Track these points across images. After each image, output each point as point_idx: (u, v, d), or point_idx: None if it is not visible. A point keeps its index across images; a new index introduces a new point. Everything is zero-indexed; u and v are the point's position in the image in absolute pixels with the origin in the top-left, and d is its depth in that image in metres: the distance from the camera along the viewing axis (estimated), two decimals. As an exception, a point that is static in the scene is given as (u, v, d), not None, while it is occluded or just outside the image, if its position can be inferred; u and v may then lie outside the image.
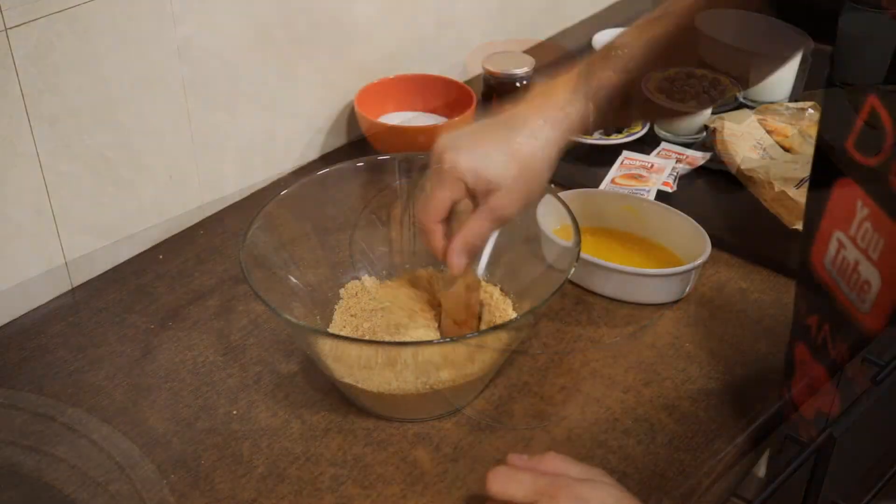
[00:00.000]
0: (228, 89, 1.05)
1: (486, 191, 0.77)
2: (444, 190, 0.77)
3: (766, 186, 1.05)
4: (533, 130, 0.78)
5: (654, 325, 0.93)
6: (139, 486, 0.76)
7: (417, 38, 1.29)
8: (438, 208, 0.78)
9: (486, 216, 0.77)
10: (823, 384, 0.66)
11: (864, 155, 0.58)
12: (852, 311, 0.61)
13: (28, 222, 0.91)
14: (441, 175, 0.77)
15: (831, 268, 0.62)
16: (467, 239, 0.78)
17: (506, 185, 0.76)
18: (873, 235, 0.57)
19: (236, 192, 1.12)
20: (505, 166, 0.76)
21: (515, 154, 0.77)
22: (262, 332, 0.92)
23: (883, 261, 0.57)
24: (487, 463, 0.77)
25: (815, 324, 0.65)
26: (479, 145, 0.77)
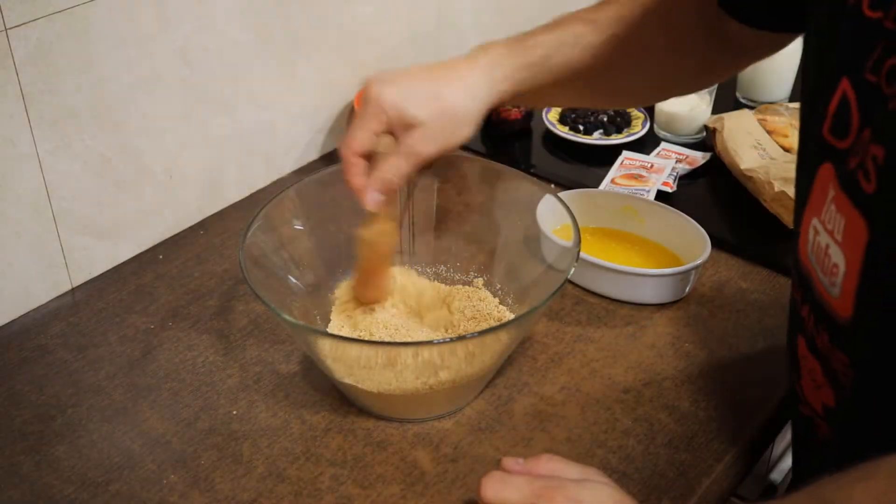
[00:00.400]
0: (228, 89, 1.06)
1: (405, 126, 0.76)
2: (366, 121, 0.77)
3: (766, 186, 1.05)
4: (462, 78, 0.78)
5: (654, 325, 0.93)
6: (139, 486, 0.76)
7: (417, 38, 1.29)
8: (359, 140, 0.77)
9: (402, 153, 0.77)
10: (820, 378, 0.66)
11: (837, 138, 0.58)
12: (826, 298, 0.61)
13: (28, 222, 0.91)
14: (366, 105, 0.77)
15: (811, 254, 0.62)
16: (383, 175, 0.77)
17: (425, 123, 0.76)
18: (836, 216, 0.58)
19: (236, 192, 1.12)
20: (427, 106, 0.76)
21: (439, 95, 0.77)
22: (262, 332, 0.92)
23: (846, 241, 0.57)
24: (487, 463, 0.77)
25: (807, 314, 0.66)
26: (405, 81, 0.78)
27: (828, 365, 0.64)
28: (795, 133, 1.17)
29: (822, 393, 0.66)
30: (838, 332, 0.61)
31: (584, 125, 1.22)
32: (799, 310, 0.67)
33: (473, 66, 0.79)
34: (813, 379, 0.67)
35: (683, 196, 1.10)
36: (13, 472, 0.77)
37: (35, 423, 0.82)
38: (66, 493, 0.75)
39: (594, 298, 0.96)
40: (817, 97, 0.62)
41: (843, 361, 0.61)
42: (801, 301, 0.67)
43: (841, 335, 0.61)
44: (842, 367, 0.62)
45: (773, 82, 1.30)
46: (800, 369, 0.69)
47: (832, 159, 0.59)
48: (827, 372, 0.64)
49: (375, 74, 0.79)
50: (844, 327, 0.60)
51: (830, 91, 0.59)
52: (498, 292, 0.92)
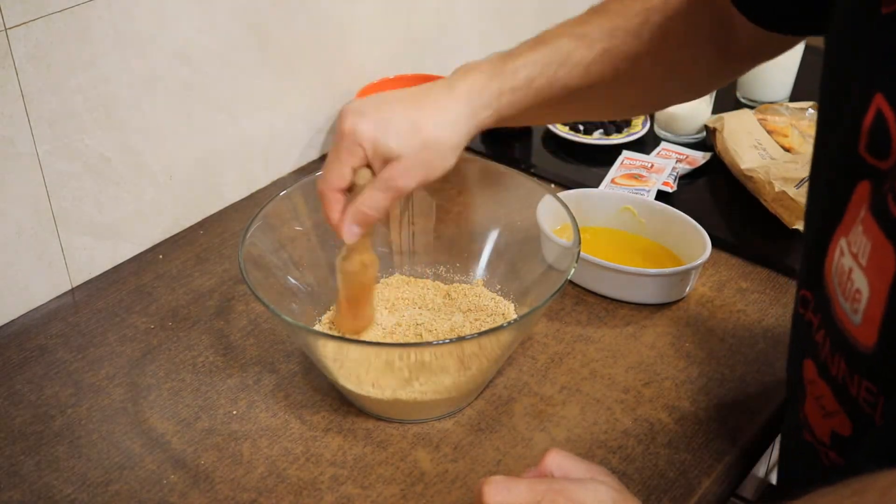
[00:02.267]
0: (228, 89, 1.06)
1: (384, 160, 0.73)
2: (343, 155, 0.73)
3: (766, 186, 1.05)
4: (441, 108, 0.74)
5: (654, 325, 0.93)
6: (139, 486, 0.76)
7: (417, 38, 1.29)
8: (337, 175, 0.74)
9: (381, 186, 0.73)
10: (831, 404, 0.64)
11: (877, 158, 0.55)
12: (846, 324, 0.58)
13: (28, 222, 0.91)
14: (341, 141, 0.73)
15: (834, 277, 0.60)
16: (360, 209, 0.74)
17: (405, 156, 0.72)
18: (862, 238, 0.55)
19: (236, 192, 1.12)
20: (406, 139, 0.72)
21: (419, 127, 0.73)
22: (262, 332, 0.92)
23: (871, 267, 0.55)
24: (487, 463, 0.77)
25: (822, 339, 0.63)
26: (383, 112, 0.73)
27: (845, 392, 0.61)
28: (795, 133, 1.17)
29: (835, 421, 0.64)
30: (859, 360, 0.59)
31: (584, 125, 1.22)
32: (812, 333, 0.65)
33: (452, 95, 0.75)
34: (822, 406, 0.65)
35: (683, 196, 1.10)
36: (13, 472, 0.77)
37: (35, 423, 0.82)
38: (66, 493, 0.75)
39: (594, 298, 0.96)
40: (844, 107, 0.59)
41: (868, 389, 0.59)
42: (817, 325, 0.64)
43: (862, 363, 0.58)
44: (867, 395, 0.59)
45: (773, 82, 1.30)
46: (805, 392, 0.67)
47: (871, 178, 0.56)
48: (843, 400, 0.62)
49: (350, 105, 0.74)
50: (867, 356, 0.57)
51: (863, 105, 0.56)
52: (498, 292, 0.92)
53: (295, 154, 1.18)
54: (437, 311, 0.90)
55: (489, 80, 0.75)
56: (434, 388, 0.78)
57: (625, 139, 1.21)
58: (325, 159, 1.20)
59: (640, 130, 1.22)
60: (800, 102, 1.24)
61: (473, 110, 0.75)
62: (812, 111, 1.22)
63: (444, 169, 0.75)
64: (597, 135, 1.22)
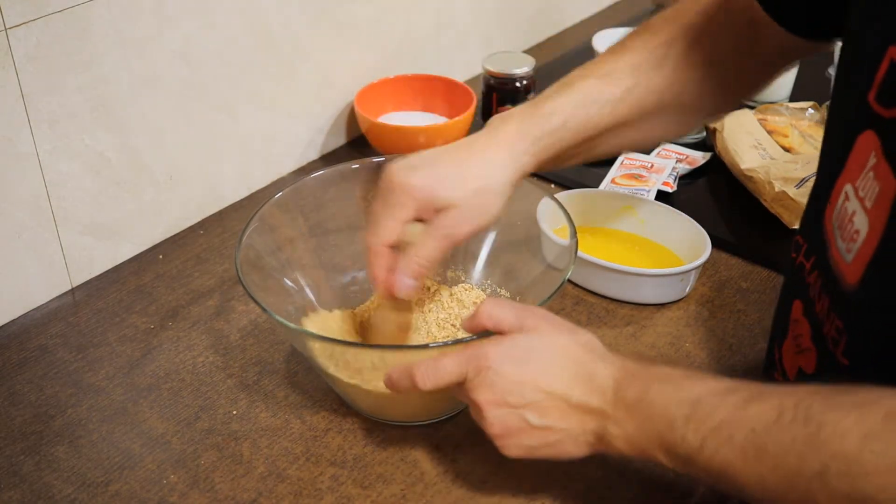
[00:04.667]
0: (228, 89, 1.06)
1: (437, 210, 0.74)
2: (394, 209, 0.74)
3: (766, 186, 1.05)
4: (485, 157, 0.76)
5: (654, 325, 0.93)
6: (139, 486, 0.76)
7: (417, 38, 1.29)
8: (388, 229, 0.75)
9: (436, 236, 0.74)
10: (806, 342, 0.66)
11: (885, 107, 0.57)
12: (839, 263, 0.60)
13: (28, 222, 0.91)
14: (391, 194, 0.74)
15: (835, 220, 0.62)
16: (415, 260, 0.75)
17: (458, 204, 0.74)
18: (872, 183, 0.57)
19: (236, 192, 1.12)
20: (457, 188, 0.74)
21: (469, 176, 0.75)
22: (262, 333, 0.92)
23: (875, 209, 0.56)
24: (487, 463, 0.77)
25: (813, 279, 0.65)
26: (431, 166, 0.75)
27: (819, 330, 0.63)
28: (795, 133, 1.17)
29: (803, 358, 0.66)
30: (840, 298, 0.61)
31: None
32: (804, 275, 0.67)
33: (493, 143, 0.77)
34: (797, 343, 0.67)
35: (683, 196, 1.10)
36: (13, 472, 0.77)
37: (35, 423, 0.82)
38: (66, 493, 0.75)
39: (594, 298, 0.96)
40: (859, 63, 0.60)
41: (837, 327, 0.61)
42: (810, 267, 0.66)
43: (842, 301, 0.61)
44: (835, 333, 0.61)
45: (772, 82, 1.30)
46: (787, 331, 0.69)
47: (876, 127, 0.58)
48: (816, 337, 0.64)
49: (396, 163, 0.76)
50: (847, 293, 0.59)
51: (877, 58, 0.57)
52: (496, 293, 0.92)
53: (295, 154, 1.18)
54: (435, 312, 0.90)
55: (526, 126, 0.78)
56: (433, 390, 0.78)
57: (625, 139, 1.20)
58: (325, 159, 1.21)
59: (640, 130, 1.22)
60: (800, 102, 1.24)
61: (515, 156, 0.77)
62: (812, 111, 1.22)
63: (493, 215, 0.77)
64: (597, 135, 1.22)
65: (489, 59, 1.22)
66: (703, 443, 0.59)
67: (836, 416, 0.52)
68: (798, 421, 0.54)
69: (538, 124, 0.78)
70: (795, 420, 0.54)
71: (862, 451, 0.51)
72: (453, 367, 0.68)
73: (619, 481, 0.76)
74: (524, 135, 0.78)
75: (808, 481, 0.53)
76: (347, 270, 0.93)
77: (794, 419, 0.54)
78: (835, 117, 0.68)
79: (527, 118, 0.79)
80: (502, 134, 0.78)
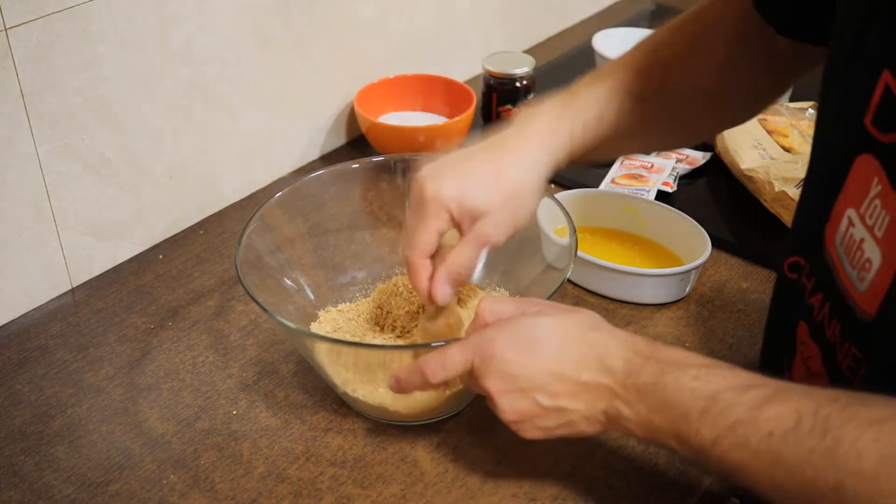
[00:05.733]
0: (228, 89, 1.06)
1: (472, 218, 0.72)
2: (429, 221, 0.72)
3: (766, 186, 1.05)
4: (519, 155, 0.74)
5: (654, 325, 0.93)
6: (139, 486, 0.76)
7: (417, 38, 1.29)
8: (425, 242, 0.73)
9: (472, 244, 0.73)
10: (817, 366, 0.65)
11: (882, 131, 0.56)
12: (850, 291, 0.60)
13: (28, 222, 0.91)
14: (424, 206, 0.72)
15: (839, 246, 0.61)
16: (453, 268, 0.73)
17: (493, 211, 0.72)
18: (881, 213, 0.56)
19: (236, 192, 1.12)
20: (491, 192, 0.72)
21: (501, 179, 0.73)
22: (262, 333, 0.92)
23: (886, 239, 0.56)
24: (487, 463, 0.77)
25: (818, 303, 0.65)
26: (462, 172, 0.73)
27: (832, 357, 0.63)
28: (795, 133, 1.17)
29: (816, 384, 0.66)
30: (855, 327, 0.60)
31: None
32: (805, 296, 0.66)
33: (527, 138, 0.75)
34: (808, 367, 0.67)
35: (683, 196, 1.10)
36: (13, 472, 0.77)
37: (35, 423, 0.82)
38: (66, 493, 0.75)
39: (594, 298, 0.96)
40: (851, 84, 0.60)
41: (854, 356, 0.60)
42: (812, 289, 0.65)
43: (857, 331, 0.60)
44: (851, 361, 0.61)
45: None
46: (795, 352, 0.68)
47: (875, 152, 0.57)
48: (828, 363, 0.64)
49: (425, 171, 0.73)
50: (864, 323, 0.59)
51: (871, 81, 0.57)
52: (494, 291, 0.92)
53: (295, 154, 1.18)
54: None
55: (560, 121, 0.76)
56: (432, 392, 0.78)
57: (625, 139, 1.20)
58: (325, 159, 1.21)
59: (640, 130, 1.22)
60: (800, 102, 1.24)
61: (550, 152, 0.75)
62: (812, 111, 1.22)
63: (529, 215, 0.75)
64: (597, 135, 1.22)
65: (489, 59, 1.22)
66: (716, 439, 0.58)
67: (854, 433, 0.52)
68: (816, 431, 0.53)
69: (573, 119, 0.76)
70: (814, 430, 0.54)
71: (879, 475, 0.50)
72: (460, 356, 0.68)
73: (620, 481, 0.76)
74: (559, 131, 0.75)
75: (822, 494, 0.53)
76: (347, 270, 0.93)
77: (813, 429, 0.54)
78: (824, 135, 0.67)
79: (561, 112, 0.76)
80: (537, 126, 0.75)
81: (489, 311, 0.70)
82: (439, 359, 0.69)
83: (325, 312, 0.89)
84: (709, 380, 0.60)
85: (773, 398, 0.57)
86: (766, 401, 0.57)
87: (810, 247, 0.66)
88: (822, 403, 0.54)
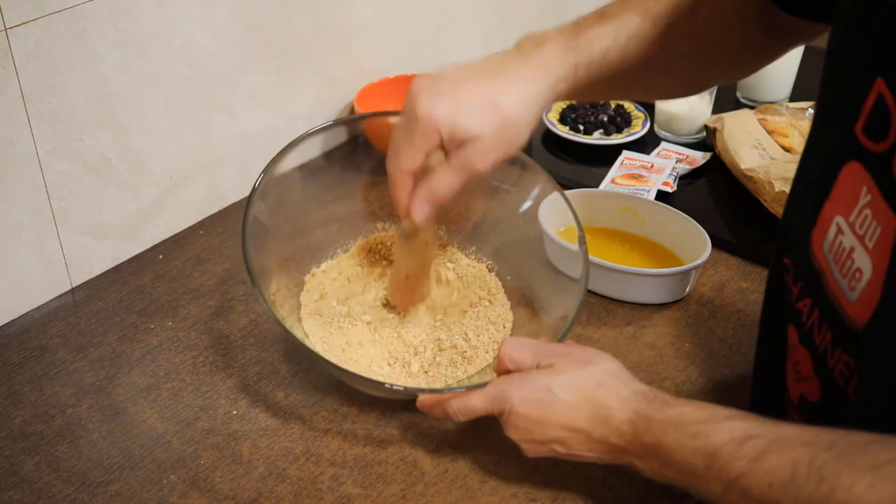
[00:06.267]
0: (228, 89, 1.05)
1: (461, 141, 0.70)
2: (417, 139, 0.71)
3: (766, 186, 1.05)
4: (519, 83, 0.72)
5: (654, 325, 0.93)
6: (139, 486, 0.76)
7: (417, 38, 1.29)
8: (411, 158, 0.71)
9: (457, 168, 0.71)
10: (807, 370, 0.66)
11: (873, 140, 0.56)
12: (840, 299, 0.60)
13: (28, 222, 0.91)
14: (415, 122, 0.70)
15: (828, 253, 0.61)
16: (434, 187, 0.72)
17: (485, 137, 0.70)
18: (872, 223, 0.56)
19: (236, 192, 1.12)
20: (484, 119, 0.70)
21: (497, 105, 0.70)
22: (262, 332, 0.92)
23: (877, 250, 0.56)
24: (487, 463, 0.77)
25: (807, 308, 0.65)
26: (458, 94, 0.71)
27: (822, 362, 0.63)
28: (796, 133, 1.17)
29: (805, 386, 0.66)
30: (846, 336, 0.60)
31: (584, 125, 1.22)
32: (792, 299, 0.67)
33: (529, 66, 0.73)
34: (797, 371, 0.67)
35: (683, 196, 1.10)
36: (13, 472, 0.77)
37: (35, 423, 0.82)
38: (66, 493, 0.75)
39: (594, 298, 0.96)
40: (844, 90, 0.60)
41: (846, 363, 0.61)
42: (798, 293, 0.66)
43: (849, 339, 0.60)
44: (844, 368, 0.61)
45: (773, 82, 1.30)
46: (786, 355, 0.69)
47: (864, 160, 0.57)
48: (819, 368, 0.64)
49: (422, 82, 0.72)
50: (856, 332, 0.59)
51: (864, 89, 0.57)
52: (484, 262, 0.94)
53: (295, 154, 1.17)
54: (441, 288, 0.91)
55: (565, 52, 0.74)
56: None
57: (625, 139, 1.21)
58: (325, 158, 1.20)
59: (640, 130, 1.22)
60: (800, 102, 1.24)
61: (552, 84, 0.73)
62: (812, 111, 1.22)
63: (518, 146, 0.73)
64: (597, 135, 1.22)
65: (489, 59, 1.22)
66: (724, 492, 0.61)
67: (849, 480, 0.53)
68: (812, 480, 0.55)
69: (578, 52, 0.74)
70: (809, 479, 0.55)
71: None
72: (480, 406, 0.73)
73: (620, 481, 0.76)
74: (562, 62, 0.74)
75: None
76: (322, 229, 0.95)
77: (809, 478, 0.55)
78: (816, 139, 0.67)
79: (567, 44, 0.74)
80: (539, 59, 0.73)
81: (508, 358, 0.74)
82: (462, 404, 0.73)
83: (311, 277, 0.90)
84: (708, 435, 0.62)
85: (772, 449, 0.58)
86: (766, 452, 0.58)
87: (797, 249, 0.66)
88: (818, 451, 0.56)
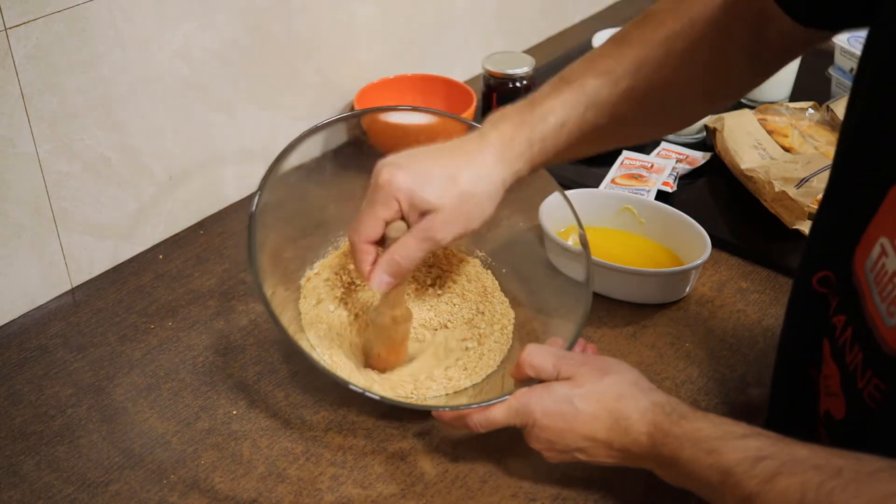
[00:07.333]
0: (228, 89, 1.06)
1: (421, 212, 0.73)
2: (377, 207, 0.73)
3: (766, 186, 1.05)
4: (476, 161, 0.74)
5: (654, 325, 0.93)
6: (139, 486, 0.76)
7: (417, 38, 1.29)
8: (370, 227, 0.74)
9: (418, 237, 0.73)
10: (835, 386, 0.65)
11: None
12: (877, 322, 0.59)
13: (28, 222, 0.91)
14: (376, 192, 0.73)
15: (869, 273, 0.60)
16: (394, 258, 0.74)
17: (444, 209, 0.73)
18: None
19: (236, 192, 1.12)
20: (443, 191, 0.73)
21: (456, 180, 0.73)
22: (262, 332, 0.92)
23: None
24: (487, 463, 0.77)
25: (841, 324, 0.64)
26: (419, 167, 0.74)
27: (852, 381, 0.62)
28: (796, 133, 1.17)
29: (831, 401, 0.65)
30: (880, 360, 0.59)
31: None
32: (829, 312, 0.65)
33: (485, 147, 0.75)
34: (826, 385, 0.66)
35: (683, 196, 1.10)
36: (13, 472, 0.77)
37: (35, 423, 0.82)
38: (66, 493, 0.75)
39: (594, 298, 0.96)
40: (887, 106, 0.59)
41: (877, 387, 0.60)
42: (836, 307, 0.65)
43: (882, 363, 0.59)
44: (874, 391, 0.60)
45: (773, 82, 1.29)
46: (820, 371, 0.68)
47: None
48: (847, 387, 0.63)
49: (386, 159, 0.75)
50: (890, 357, 0.58)
51: None
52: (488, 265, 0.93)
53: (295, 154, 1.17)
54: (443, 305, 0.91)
55: (518, 129, 0.76)
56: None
57: (625, 139, 1.21)
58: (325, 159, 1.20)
59: (640, 130, 1.22)
60: (800, 102, 1.24)
61: (507, 161, 0.76)
62: (812, 111, 1.22)
63: (482, 219, 0.76)
64: (597, 135, 1.22)
65: (489, 59, 1.22)
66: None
67: None
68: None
69: (533, 127, 0.76)
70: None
71: None
72: (502, 418, 0.73)
73: (620, 480, 0.76)
74: (518, 139, 0.76)
75: None
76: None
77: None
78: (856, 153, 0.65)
79: (521, 120, 0.76)
80: (495, 137, 0.76)
81: (529, 364, 0.74)
82: (483, 417, 0.74)
83: (306, 281, 0.89)
84: (722, 452, 0.63)
85: (782, 471, 0.59)
86: (776, 475, 0.59)
87: (840, 263, 0.65)
88: (827, 478, 0.56)
